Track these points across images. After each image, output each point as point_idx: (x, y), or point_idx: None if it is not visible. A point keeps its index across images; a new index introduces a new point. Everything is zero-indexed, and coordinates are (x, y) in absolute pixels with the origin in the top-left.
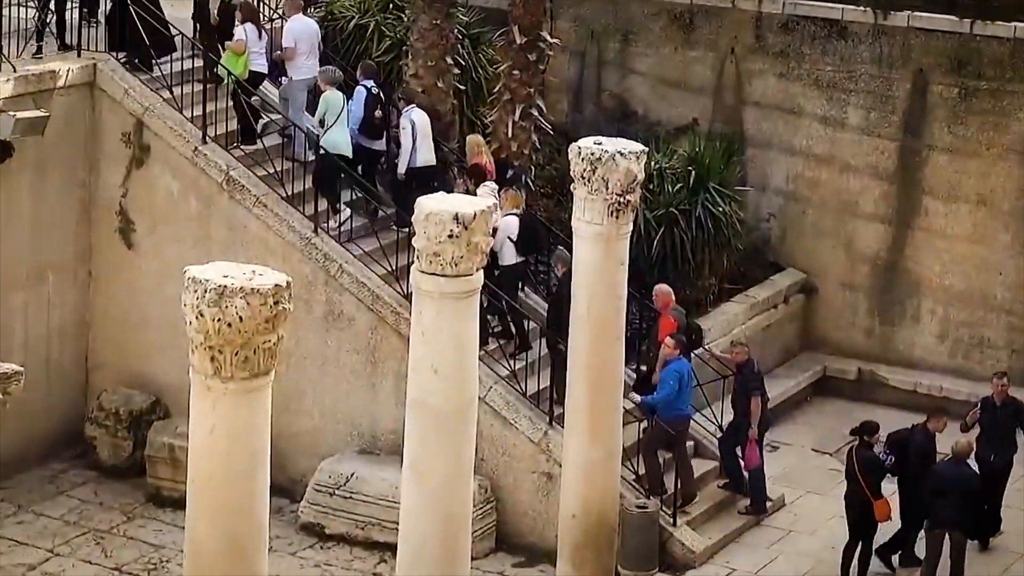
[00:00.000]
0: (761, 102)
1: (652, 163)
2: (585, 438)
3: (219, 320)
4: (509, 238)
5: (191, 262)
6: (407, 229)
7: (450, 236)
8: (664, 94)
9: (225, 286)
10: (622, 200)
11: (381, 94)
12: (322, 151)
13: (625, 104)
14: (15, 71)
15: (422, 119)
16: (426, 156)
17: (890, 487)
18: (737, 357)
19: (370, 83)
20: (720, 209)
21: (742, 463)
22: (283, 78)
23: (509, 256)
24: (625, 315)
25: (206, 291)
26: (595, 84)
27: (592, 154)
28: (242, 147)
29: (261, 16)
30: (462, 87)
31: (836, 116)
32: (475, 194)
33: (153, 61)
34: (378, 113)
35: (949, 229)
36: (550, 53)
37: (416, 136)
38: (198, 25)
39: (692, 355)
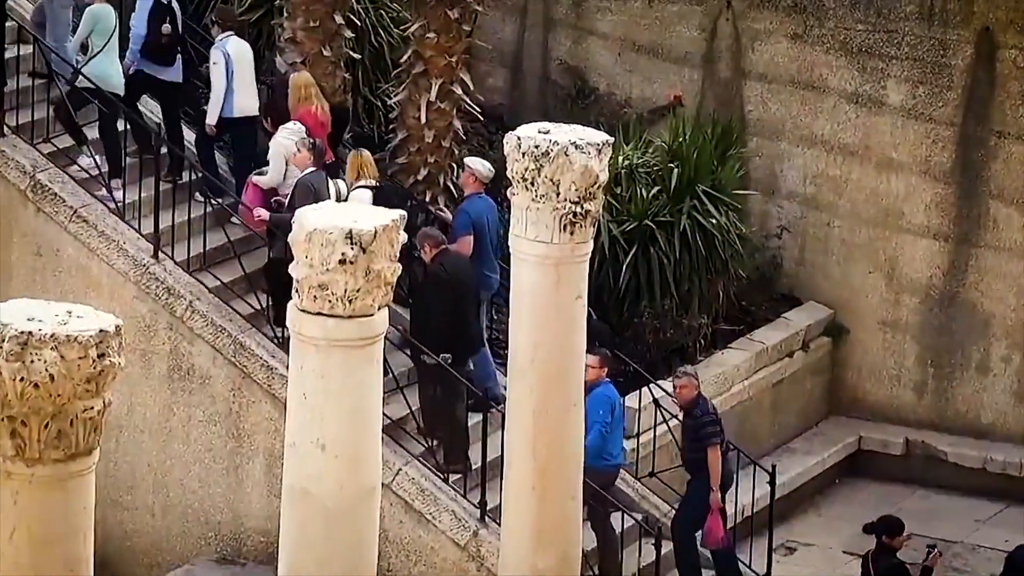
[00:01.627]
0: (769, 74)
1: (620, 159)
2: (530, 539)
3: (22, 379)
4: None
5: None
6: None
7: (342, 262)
8: (635, 64)
9: (30, 332)
10: (578, 210)
11: (174, 5)
12: (80, 83)
13: (582, 78)
14: None
15: (240, 51)
16: (244, 102)
17: None
18: (682, 394)
19: None
20: (713, 221)
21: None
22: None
23: None
24: (584, 368)
25: (4, 339)
26: (541, 51)
27: (537, 147)
28: (52, 141)
29: None
30: (357, 56)
31: (872, 93)
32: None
33: None
34: (165, 28)
35: None
36: (478, 9)
37: (231, 74)
38: None
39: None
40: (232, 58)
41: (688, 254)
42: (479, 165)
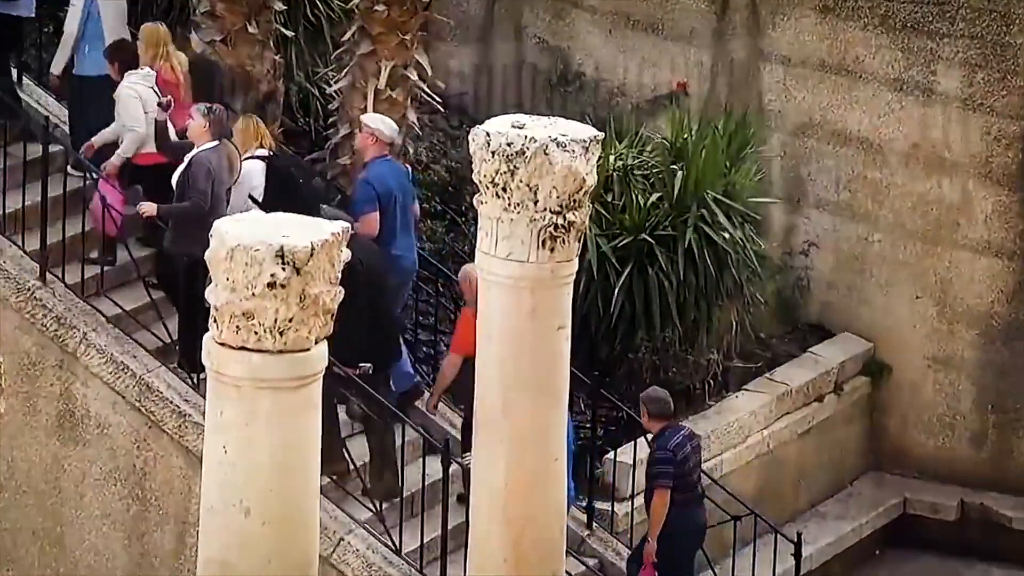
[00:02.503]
0: (793, 57)
1: (611, 159)
2: None
3: None
4: (250, 196)
5: None
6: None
7: (271, 285)
8: (629, 43)
9: None
10: (561, 221)
11: None
12: None
13: (565, 61)
14: None
15: None
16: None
17: None
18: (647, 423)
19: None
20: (725, 235)
21: None
22: None
23: None
24: (568, 413)
25: None
26: (514, 28)
27: (510, 145)
28: None
29: None
30: (289, 33)
31: (919, 79)
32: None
33: None
34: None
35: None
36: None
37: (91, 19)
38: None
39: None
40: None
41: (695, 275)
42: (379, 123)
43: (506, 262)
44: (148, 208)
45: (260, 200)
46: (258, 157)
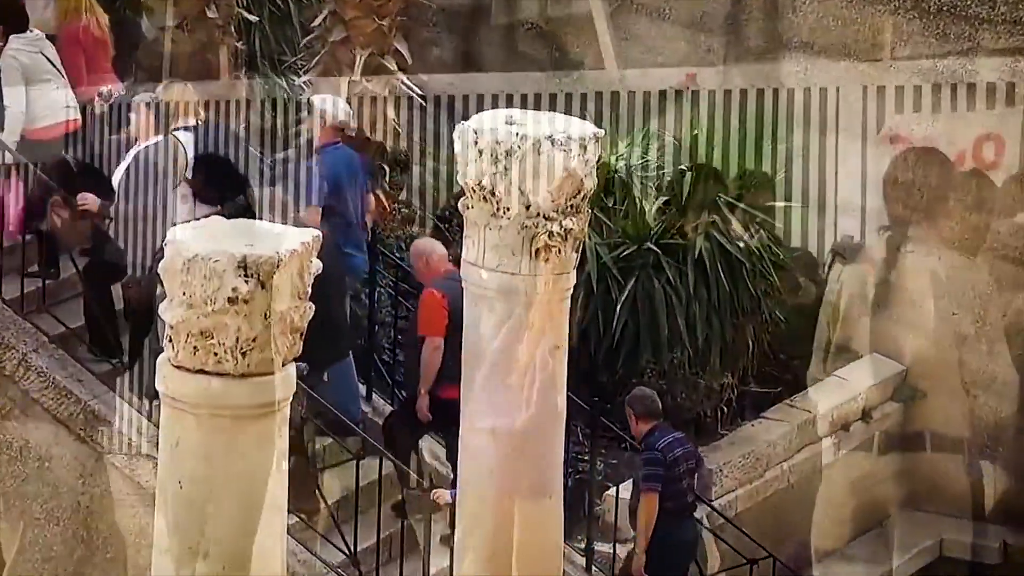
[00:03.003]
0: (815, 43)
1: (613, 158)
2: None
3: None
4: (184, 178)
5: None
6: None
7: (232, 300)
8: (632, 29)
9: None
10: (556, 229)
11: None
12: None
13: (561, 49)
14: None
15: None
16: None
17: None
18: (635, 427)
19: None
20: (741, 244)
21: None
22: None
23: (183, 212)
24: (566, 437)
25: None
26: (504, 12)
27: (499, 143)
28: None
29: None
30: (253, 18)
31: (956, 69)
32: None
33: None
34: None
35: None
36: None
37: None
38: None
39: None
40: None
41: (706, 289)
42: (330, 105)
43: (495, 274)
44: (86, 200)
45: (190, 178)
46: (186, 128)
